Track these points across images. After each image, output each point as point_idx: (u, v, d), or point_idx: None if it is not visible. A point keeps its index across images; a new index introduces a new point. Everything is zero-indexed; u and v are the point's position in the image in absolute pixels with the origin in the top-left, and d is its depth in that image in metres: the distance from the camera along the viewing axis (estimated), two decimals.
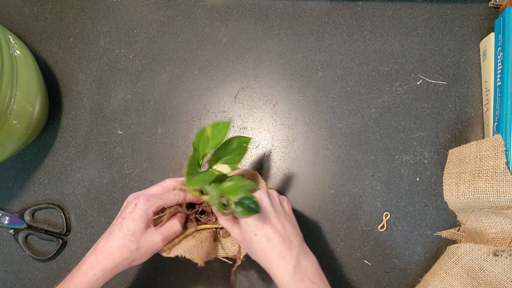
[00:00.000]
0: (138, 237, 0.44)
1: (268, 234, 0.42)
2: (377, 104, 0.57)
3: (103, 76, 0.63)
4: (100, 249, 0.44)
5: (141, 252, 0.44)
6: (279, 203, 0.46)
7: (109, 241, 0.44)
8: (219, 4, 0.63)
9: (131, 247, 0.44)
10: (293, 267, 0.41)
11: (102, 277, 0.43)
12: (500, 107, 0.50)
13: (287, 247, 0.42)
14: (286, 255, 0.42)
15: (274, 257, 0.42)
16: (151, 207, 0.45)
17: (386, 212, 0.54)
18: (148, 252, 0.45)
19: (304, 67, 0.59)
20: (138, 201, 0.45)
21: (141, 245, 0.44)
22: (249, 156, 0.58)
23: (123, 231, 0.44)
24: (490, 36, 0.54)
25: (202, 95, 0.61)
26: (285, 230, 0.43)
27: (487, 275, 0.46)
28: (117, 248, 0.43)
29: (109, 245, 0.43)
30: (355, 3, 0.60)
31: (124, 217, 0.45)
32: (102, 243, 0.44)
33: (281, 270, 0.41)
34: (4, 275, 0.59)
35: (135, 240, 0.44)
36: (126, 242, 0.43)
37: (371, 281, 0.53)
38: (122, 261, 0.44)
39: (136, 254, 0.44)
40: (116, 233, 0.44)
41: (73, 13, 0.65)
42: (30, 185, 0.61)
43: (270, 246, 0.42)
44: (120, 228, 0.44)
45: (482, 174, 0.48)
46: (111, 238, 0.44)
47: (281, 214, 0.45)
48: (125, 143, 0.60)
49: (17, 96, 0.51)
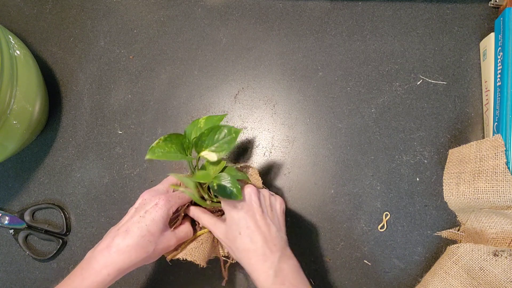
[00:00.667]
0: (156, 237, 0.43)
1: (252, 235, 0.42)
2: (377, 104, 0.57)
3: (103, 76, 0.63)
4: (115, 247, 0.41)
5: (156, 254, 0.43)
6: (269, 203, 0.46)
7: (126, 239, 0.41)
8: (219, 4, 0.63)
9: (149, 248, 0.42)
10: (274, 271, 0.40)
11: (115, 278, 0.41)
12: (500, 107, 0.50)
13: (270, 250, 0.41)
14: (268, 259, 0.41)
15: (256, 259, 0.41)
16: (172, 208, 0.44)
17: (386, 212, 0.54)
18: (161, 253, 0.44)
19: (304, 67, 0.59)
20: (159, 201, 0.44)
21: (157, 247, 0.43)
22: (249, 156, 0.58)
23: (142, 230, 0.42)
24: (490, 36, 0.54)
25: (202, 95, 0.61)
26: (270, 233, 0.42)
27: (487, 275, 0.46)
28: (135, 248, 0.41)
29: (126, 244, 0.41)
30: (355, 3, 0.60)
31: (143, 216, 0.43)
32: (117, 241, 0.41)
33: (262, 274, 0.41)
34: (4, 275, 0.59)
35: (153, 241, 0.42)
36: (145, 243, 0.42)
37: (371, 281, 0.53)
38: (138, 262, 0.42)
39: (151, 255, 0.43)
40: (135, 231, 0.42)
41: (73, 13, 0.65)
42: (30, 185, 0.61)
43: (253, 247, 0.42)
44: (139, 227, 0.42)
45: (482, 174, 0.48)
46: (128, 236, 0.41)
47: (269, 215, 0.44)
48: (125, 143, 0.60)
49: (17, 96, 0.51)
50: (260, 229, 0.42)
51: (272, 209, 0.45)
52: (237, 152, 0.58)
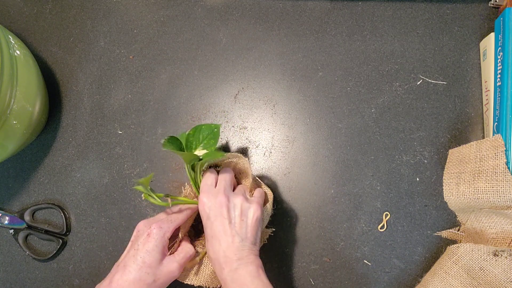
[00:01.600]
0: (154, 268, 0.43)
1: (214, 244, 0.44)
2: (377, 104, 0.57)
3: (103, 76, 0.63)
4: (115, 283, 0.42)
5: (158, 283, 0.43)
6: (239, 213, 0.45)
7: (124, 275, 0.42)
8: (219, 4, 0.63)
9: (148, 279, 0.42)
10: (231, 277, 0.42)
11: None
12: (500, 107, 0.50)
13: (230, 259, 0.43)
14: (226, 266, 0.43)
15: (217, 267, 0.44)
16: (166, 233, 0.44)
17: (386, 212, 0.54)
18: (166, 282, 0.44)
19: (304, 67, 0.59)
20: (150, 230, 0.44)
21: (158, 277, 0.43)
22: (249, 156, 0.58)
23: (138, 263, 0.42)
24: (490, 36, 0.54)
25: (202, 95, 0.61)
26: (233, 243, 0.43)
27: (487, 275, 0.46)
28: (133, 282, 0.42)
29: (125, 279, 0.42)
30: (355, 3, 0.60)
31: (137, 249, 0.43)
32: (117, 277, 0.42)
33: (222, 282, 0.43)
34: (4, 275, 0.59)
35: (151, 272, 0.42)
36: (143, 275, 0.42)
37: (371, 281, 0.53)
38: None
39: (153, 286, 0.43)
40: (131, 266, 0.42)
41: (73, 13, 0.65)
42: (30, 185, 0.61)
43: (214, 256, 0.44)
44: (135, 261, 0.42)
45: (482, 174, 0.48)
46: (126, 272, 0.42)
47: (236, 225, 0.45)
48: (125, 143, 0.60)
49: (17, 96, 0.51)
50: (222, 239, 0.44)
51: (243, 217, 0.45)
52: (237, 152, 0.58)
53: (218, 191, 0.46)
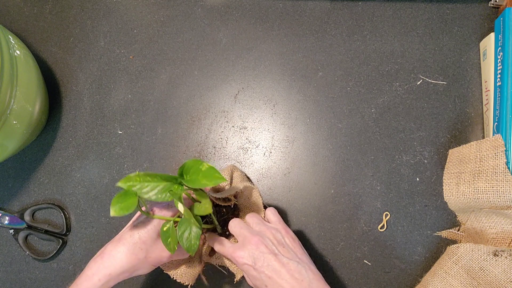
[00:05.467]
0: (148, 246, 0.44)
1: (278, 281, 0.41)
2: (377, 104, 0.57)
3: (103, 76, 0.63)
4: (107, 254, 0.43)
5: (148, 262, 0.44)
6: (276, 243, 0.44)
7: (117, 246, 0.43)
8: (219, 4, 0.63)
9: (140, 255, 0.43)
10: None
11: (107, 283, 0.42)
12: (500, 107, 0.50)
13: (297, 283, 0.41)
14: None
15: None
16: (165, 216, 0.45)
17: (386, 212, 0.54)
18: (154, 263, 0.45)
19: (304, 67, 0.59)
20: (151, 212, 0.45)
21: (149, 255, 0.44)
22: (249, 156, 0.58)
23: (134, 238, 0.43)
24: (490, 36, 0.54)
25: (202, 95, 0.61)
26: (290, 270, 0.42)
27: (487, 275, 0.46)
28: (126, 254, 0.43)
29: (117, 251, 0.43)
30: (355, 3, 0.60)
31: (136, 226, 0.44)
32: (109, 247, 0.43)
33: None
34: (4, 275, 0.59)
35: (144, 248, 0.43)
36: (136, 249, 0.43)
37: (371, 281, 0.53)
38: (129, 268, 0.43)
39: (143, 262, 0.44)
40: (127, 239, 0.43)
41: (73, 13, 0.65)
42: (30, 185, 0.61)
43: None
44: (131, 235, 0.44)
45: (482, 174, 0.48)
46: (120, 244, 0.43)
47: (283, 254, 0.43)
48: (125, 143, 0.60)
49: (17, 96, 0.51)
50: (281, 273, 0.42)
51: (284, 245, 0.44)
52: (237, 153, 0.58)
53: (245, 238, 0.44)
